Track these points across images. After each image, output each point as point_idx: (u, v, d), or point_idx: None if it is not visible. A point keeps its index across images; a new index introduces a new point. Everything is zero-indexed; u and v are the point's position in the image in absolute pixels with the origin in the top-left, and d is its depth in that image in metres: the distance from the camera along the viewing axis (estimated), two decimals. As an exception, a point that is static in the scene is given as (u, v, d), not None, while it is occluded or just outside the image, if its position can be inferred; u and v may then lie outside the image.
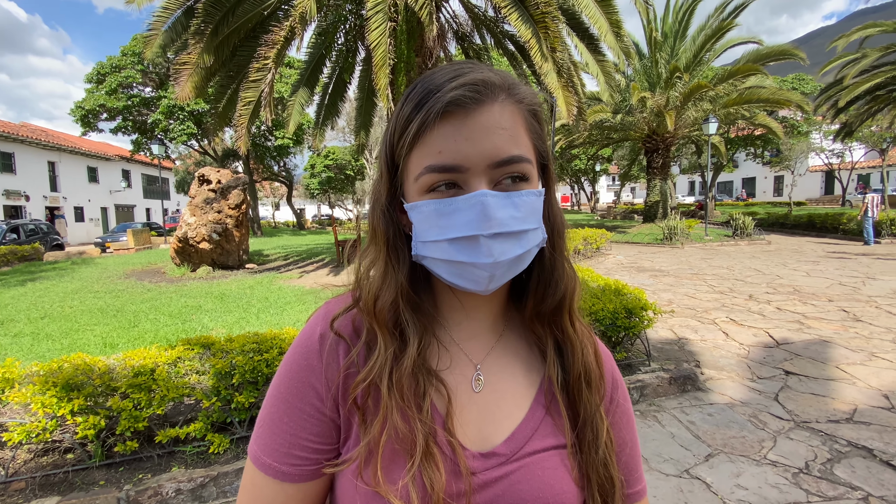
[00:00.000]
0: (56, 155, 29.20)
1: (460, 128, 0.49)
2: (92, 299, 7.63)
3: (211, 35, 7.18)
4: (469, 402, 0.57)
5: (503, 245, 0.50)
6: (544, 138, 0.57)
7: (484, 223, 0.49)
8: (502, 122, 0.50)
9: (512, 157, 0.51)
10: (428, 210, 0.52)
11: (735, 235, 15.95)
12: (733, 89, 16.98)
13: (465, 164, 0.49)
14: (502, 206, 0.50)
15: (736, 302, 7.02)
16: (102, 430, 2.73)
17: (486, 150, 0.49)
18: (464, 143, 0.49)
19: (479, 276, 0.51)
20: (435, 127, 0.50)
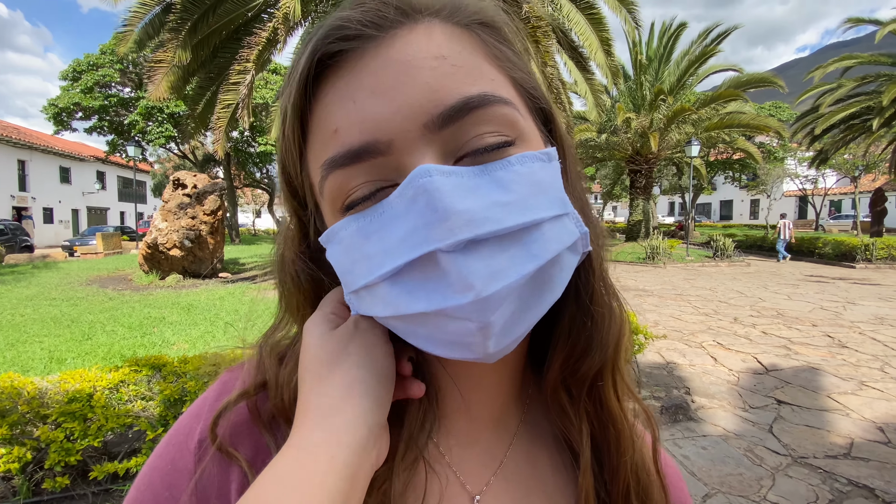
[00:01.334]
0: (27, 153, 28.12)
1: (359, 78, 0.30)
2: (47, 307, 7.12)
3: (189, 32, 6.90)
4: None
5: (493, 258, 0.28)
6: (526, 66, 0.35)
7: (438, 225, 0.27)
8: (433, 48, 0.30)
9: (466, 100, 0.29)
10: (347, 235, 0.31)
11: (716, 256, 16.14)
12: (715, 113, 17.40)
13: (382, 137, 0.29)
14: (469, 189, 0.28)
15: (721, 325, 6.94)
16: (29, 463, 2.38)
17: (411, 98, 0.29)
18: (371, 101, 0.29)
19: (463, 331, 0.28)
20: (318, 95, 0.31)
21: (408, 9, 0.31)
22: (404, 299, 0.29)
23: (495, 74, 0.32)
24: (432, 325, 0.29)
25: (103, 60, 22.98)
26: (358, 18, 0.30)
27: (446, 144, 0.30)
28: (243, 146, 26.87)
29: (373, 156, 0.29)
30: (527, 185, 0.30)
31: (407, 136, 0.29)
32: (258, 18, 7.96)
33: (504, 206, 0.28)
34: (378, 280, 0.30)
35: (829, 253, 15.71)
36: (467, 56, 0.31)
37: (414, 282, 0.29)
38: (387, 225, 0.29)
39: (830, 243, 15.89)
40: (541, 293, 0.30)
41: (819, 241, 16.55)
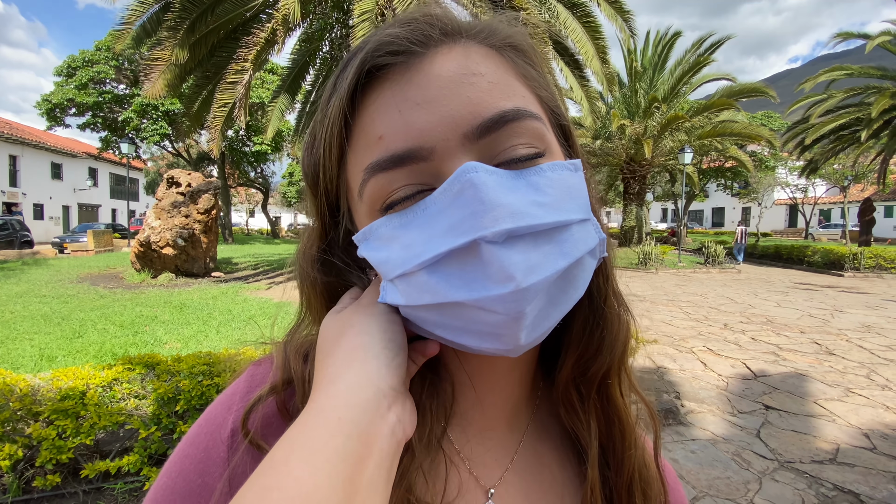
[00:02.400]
0: (19, 148, 27.79)
1: (404, 89, 0.32)
2: (37, 304, 7.04)
3: (187, 31, 6.88)
4: None
5: (529, 252, 0.30)
6: (550, 87, 0.38)
7: (483, 215, 0.29)
8: (475, 66, 0.33)
9: (503, 114, 0.32)
10: (387, 230, 0.33)
11: (707, 263, 16.30)
12: (708, 122, 17.62)
13: (425, 144, 0.31)
14: (511, 188, 0.31)
15: (712, 330, 7.01)
16: (20, 460, 2.36)
17: (453, 109, 0.31)
18: (415, 111, 0.32)
19: (495, 323, 0.30)
20: (365, 103, 0.33)
21: (450, 30, 0.34)
22: (443, 287, 0.30)
23: (525, 92, 0.35)
24: (467, 315, 0.31)
25: (98, 57, 22.82)
26: (405, 36, 0.33)
27: (482, 153, 0.32)
28: (238, 145, 26.75)
29: (415, 161, 0.32)
30: (559, 189, 0.32)
31: (447, 144, 0.31)
32: (257, 19, 7.96)
33: (541, 205, 0.31)
34: (416, 268, 0.31)
35: (817, 261, 15.92)
36: (501, 74, 0.34)
37: (452, 271, 0.30)
38: (430, 219, 0.31)
39: (819, 252, 16.11)
40: (566, 291, 0.33)
41: (808, 250, 16.77)
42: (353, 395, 0.29)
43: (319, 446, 0.26)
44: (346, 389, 0.30)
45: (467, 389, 0.39)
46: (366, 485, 0.27)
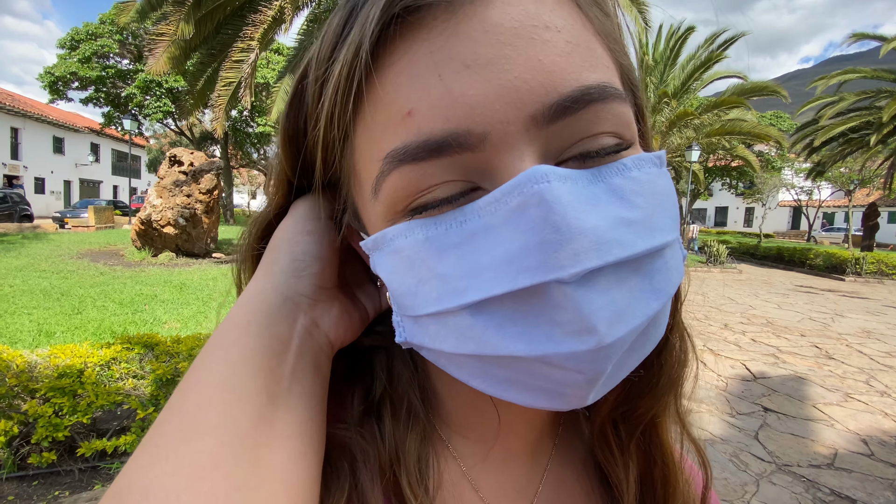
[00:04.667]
0: (21, 121, 27.59)
1: (448, 44, 0.22)
2: (36, 279, 7.02)
3: (193, 6, 6.75)
4: None
5: (613, 292, 0.22)
6: (627, 51, 0.30)
7: (559, 248, 0.21)
8: (545, 14, 0.23)
9: (589, 90, 0.23)
10: (410, 245, 0.25)
11: (708, 262, 16.25)
12: (717, 119, 17.42)
13: (475, 127, 0.22)
14: (592, 199, 0.23)
15: (712, 330, 7.00)
16: (16, 437, 2.35)
17: (524, 80, 0.22)
18: (463, 77, 0.22)
19: (563, 382, 0.23)
20: (387, 61, 0.23)
21: None
22: (492, 336, 0.23)
23: (608, 60, 0.26)
24: (523, 367, 0.23)
25: (102, 30, 22.51)
26: None
27: (550, 143, 0.24)
28: (242, 126, 26.54)
29: (458, 150, 0.22)
30: (648, 196, 0.24)
31: (507, 128, 0.22)
32: (264, -4, 7.80)
33: (629, 224, 0.23)
34: (457, 309, 0.23)
35: (819, 264, 15.88)
36: (580, 31, 0.24)
37: (506, 314, 0.23)
38: (473, 238, 0.23)
39: (822, 255, 16.06)
40: (648, 334, 0.25)
41: (811, 253, 16.72)
42: (259, 301, 0.29)
43: (233, 344, 0.26)
44: (253, 297, 0.29)
45: (490, 415, 0.34)
46: (289, 374, 0.26)
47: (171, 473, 0.22)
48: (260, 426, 0.24)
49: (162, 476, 0.22)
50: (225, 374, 0.25)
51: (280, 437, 0.24)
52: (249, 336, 0.26)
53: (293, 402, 0.26)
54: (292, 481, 0.24)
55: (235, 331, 0.27)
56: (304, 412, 0.26)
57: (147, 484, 0.22)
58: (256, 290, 0.30)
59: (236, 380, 0.25)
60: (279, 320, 0.28)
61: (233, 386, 0.24)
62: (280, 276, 0.30)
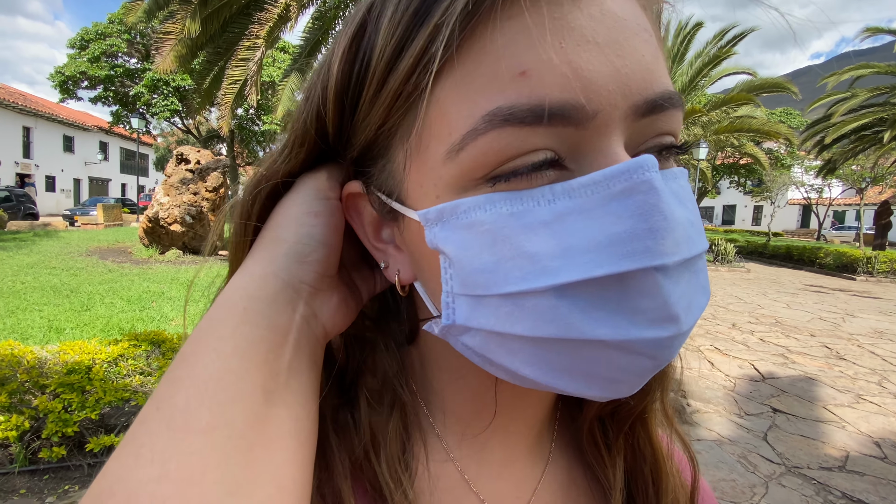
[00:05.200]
0: (32, 120, 27.91)
1: (571, 12, 0.22)
2: (47, 276, 7.10)
3: (199, 4, 6.77)
4: None
5: (686, 286, 0.24)
6: None
7: (665, 237, 0.22)
8: (641, 18, 0.25)
9: (672, 95, 0.25)
10: (491, 219, 0.23)
11: (716, 261, 16.12)
12: (725, 116, 17.23)
13: (591, 103, 0.22)
14: (678, 198, 0.25)
15: (720, 329, 6.94)
16: (27, 432, 2.38)
17: (633, 69, 0.23)
18: (585, 50, 0.22)
19: (629, 368, 0.24)
20: (508, 13, 0.22)
21: None
22: (577, 319, 0.22)
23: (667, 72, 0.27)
24: (590, 354, 0.23)
25: (111, 30, 22.67)
26: None
27: (635, 135, 0.25)
28: (248, 124, 26.65)
29: (565, 123, 0.22)
30: (692, 203, 0.27)
31: (613, 112, 0.23)
32: (270, -6, 7.82)
33: (693, 224, 0.25)
34: (543, 290, 0.23)
35: (829, 263, 15.69)
36: (658, 43, 0.26)
37: (590, 298, 0.23)
38: (567, 218, 0.22)
39: (832, 254, 15.87)
40: None
41: (820, 252, 16.52)
42: (259, 287, 0.27)
43: (227, 334, 0.25)
44: (252, 281, 0.27)
45: (487, 412, 0.34)
46: (286, 369, 0.25)
47: (157, 478, 0.20)
48: (255, 426, 0.23)
49: (147, 481, 0.20)
50: (219, 368, 0.23)
51: (275, 437, 0.23)
52: (246, 325, 0.25)
53: (289, 400, 0.25)
54: (286, 484, 0.23)
55: (231, 318, 0.25)
56: (299, 409, 0.25)
57: (131, 489, 0.20)
58: (254, 274, 0.28)
59: (231, 375, 0.23)
60: (279, 309, 0.26)
61: (227, 382, 0.23)
62: (282, 260, 0.28)
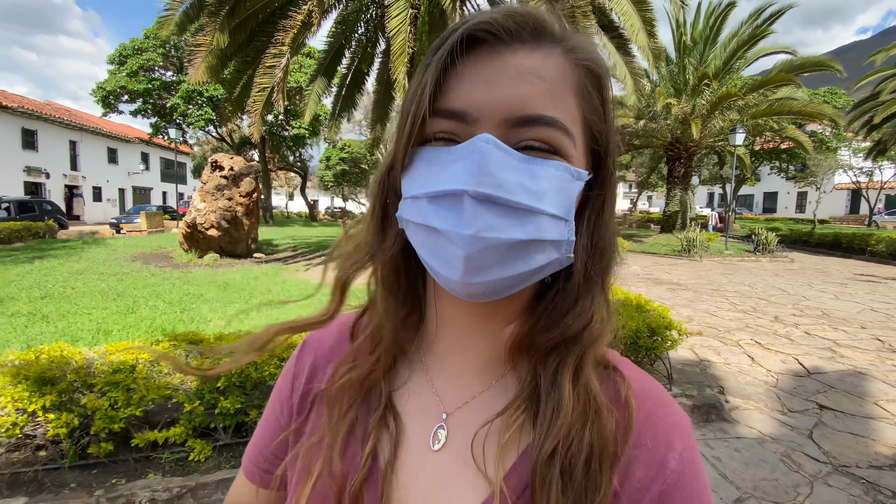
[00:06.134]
0: (78, 134, 29.56)
1: (483, 68, 0.39)
2: (95, 281, 7.53)
3: (227, 16, 6.99)
4: (422, 462, 0.45)
5: (494, 217, 0.37)
6: (605, 118, 0.43)
7: (476, 176, 0.37)
8: (542, 71, 0.39)
9: (541, 117, 0.38)
10: (420, 159, 0.41)
11: (756, 251, 15.42)
12: (763, 99, 16.40)
13: (472, 112, 0.38)
14: (511, 167, 0.37)
15: (760, 323, 6.64)
16: (76, 428, 2.53)
17: (506, 98, 0.38)
18: (480, 87, 0.38)
19: (453, 254, 0.38)
20: (456, 68, 0.39)
21: (540, 32, 0.40)
22: (431, 213, 0.39)
23: (573, 108, 0.40)
24: (436, 240, 0.39)
25: (147, 45, 23.74)
26: (502, 23, 0.38)
27: (510, 137, 0.38)
28: (277, 130, 27.37)
29: (460, 120, 0.39)
30: (549, 183, 0.38)
31: (488, 119, 0.38)
32: (294, 1, 7.98)
33: (526, 189, 0.37)
34: (423, 195, 0.40)
35: (882, 251, 14.75)
36: (561, 86, 0.39)
37: (442, 207, 0.39)
38: (445, 162, 0.39)
39: (884, 241, 14.89)
40: (516, 260, 0.39)
41: (872, 238, 15.54)
42: None
43: None
44: None
45: (448, 334, 0.48)
46: None
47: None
48: None
49: None
50: None
51: None
52: None
53: None
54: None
55: None
56: None
57: None
58: None
59: None
60: None
61: None
62: None
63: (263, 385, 2.80)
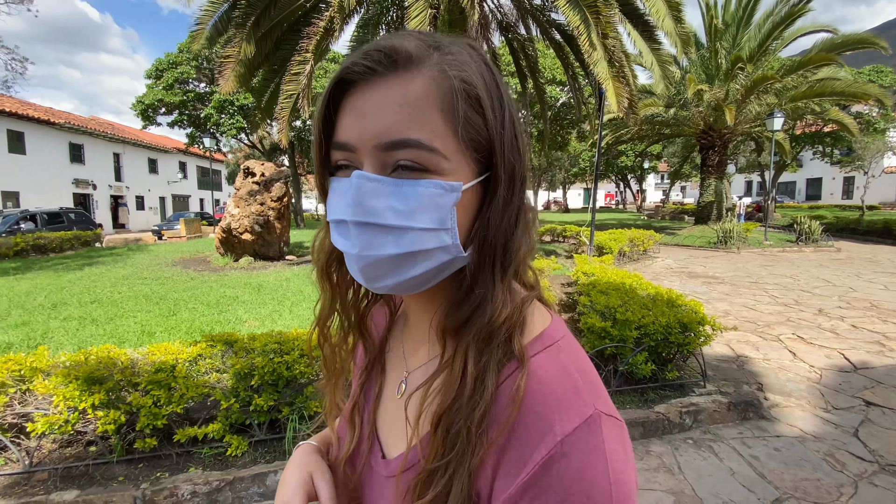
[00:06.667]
0: (121, 147, 31.15)
1: (357, 102, 0.45)
2: (139, 285, 7.93)
3: (253, 27, 7.21)
4: (391, 405, 0.60)
5: (372, 238, 0.45)
6: (491, 125, 0.46)
7: (352, 208, 0.44)
8: (402, 97, 0.43)
9: (402, 140, 0.43)
10: (331, 189, 0.50)
11: (799, 241, 14.69)
12: (803, 81, 15.57)
13: (353, 143, 0.45)
14: (381, 194, 0.44)
15: (803, 316, 6.34)
16: (122, 425, 2.68)
17: (375, 129, 0.44)
18: (356, 120, 0.45)
19: (353, 267, 0.48)
20: (343, 105, 0.47)
21: (399, 59, 0.44)
22: (336, 236, 0.49)
23: (441, 126, 0.43)
24: (345, 256, 0.49)
25: (181, 58, 24.71)
26: (361, 63, 0.44)
27: (384, 160, 0.45)
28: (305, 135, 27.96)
29: (348, 151, 0.46)
30: (420, 202, 0.43)
31: (364, 147, 0.44)
32: (316, 8, 8.15)
33: (395, 211, 0.44)
34: (331, 221, 0.50)
35: (940, 237, 13.76)
36: (423, 107, 0.43)
37: (339, 232, 0.48)
38: (340, 193, 0.47)
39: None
40: (406, 267, 0.46)
41: (928, 224, 14.54)
42: None
43: None
44: None
45: (409, 312, 0.61)
46: None
47: None
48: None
49: None
50: None
51: None
52: None
53: None
54: None
55: None
56: None
57: None
58: None
59: None
60: None
61: None
62: None
63: (295, 382, 2.90)
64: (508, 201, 0.48)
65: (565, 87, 19.82)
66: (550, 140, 21.42)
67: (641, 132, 19.92)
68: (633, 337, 3.63)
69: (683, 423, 3.39)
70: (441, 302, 0.52)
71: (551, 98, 20.19)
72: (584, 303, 4.48)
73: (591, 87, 9.58)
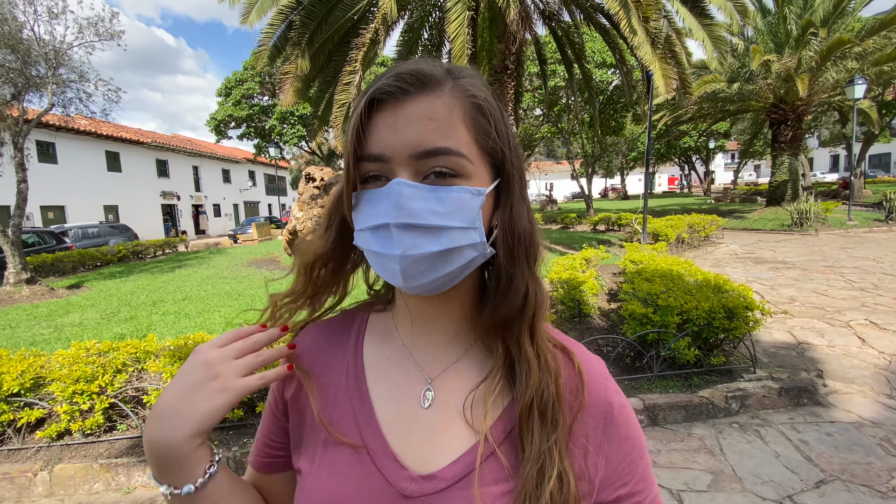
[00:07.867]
0: (198, 160, 34.10)
1: (388, 118, 0.49)
2: (221, 284, 8.87)
3: (307, 44, 7.78)
4: (415, 419, 0.55)
5: (414, 238, 0.48)
6: (500, 135, 0.52)
7: (394, 212, 0.48)
8: (431, 113, 0.49)
9: (437, 149, 0.48)
10: (362, 199, 0.52)
11: (888, 219, 13.25)
12: (888, 42, 13.93)
13: (387, 154, 0.49)
14: (420, 198, 0.48)
15: (881, 301, 5.87)
16: (217, 400, 3.18)
17: (409, 140, 0.48)
18: (389, 133, 0.49)
19: (392, 269, 0.50)
20: (371, 118, 0.50)
21: (424, 83, 0.49)
22: (373, 242, 0.51)
23: (465, 136, 0.50)
24: (380, 259, 0.51)
25: (246, 75, 26.62)
26: (394, 84, 0.49)
27: (419, 167, 0.49)
28: (360, 138, 29.00)
29: (381, 162, 0.50)
30: (454, 205, 0.49)
31: (399, 158, 0.49)
32: (364, 19, 8.62)
33: (434, 213, 0.48)
34: (365, 228, 0.52)
35: None
36: (450, 120, 0.49)
37: (379, 235, 0.50)
38: (376, 202, 0.50)
39: None
40: (441, 264, 0.50)
41: None
42: None
43: None
44: None
45: (417, 316, 0.59)
46: None
47: None
48: None
49: None
50: None
51: None
52: None
53: None
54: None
55: None
56: None
57: None
58: None
59: None
60: None
61: None
62: None
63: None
64: (523, 200, 0.55)
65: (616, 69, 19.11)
66: (604, 126, 20.68)
67: (703, 110, 18.74)
68: (675, 323, 3.66)
69: (729, 408, 3.40)
70: (461, 299, 0.57)
71: (602, 82, 19.54)
72: (626, 290, 4.52)
73: (640, 71, 9.30)
